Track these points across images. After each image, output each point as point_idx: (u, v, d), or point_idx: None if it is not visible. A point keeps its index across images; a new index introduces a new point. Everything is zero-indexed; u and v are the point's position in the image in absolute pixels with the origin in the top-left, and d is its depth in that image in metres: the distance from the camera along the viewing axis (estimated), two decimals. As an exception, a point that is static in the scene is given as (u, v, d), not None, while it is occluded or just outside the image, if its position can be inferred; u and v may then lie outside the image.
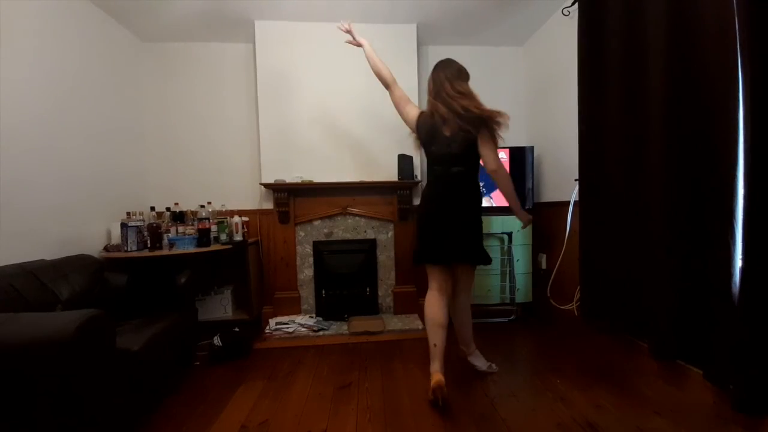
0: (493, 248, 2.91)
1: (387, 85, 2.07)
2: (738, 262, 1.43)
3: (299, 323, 2.75)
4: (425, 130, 1.89)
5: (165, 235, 2.45)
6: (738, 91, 1.40)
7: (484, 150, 1.80)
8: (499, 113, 1.77)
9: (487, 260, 1.93)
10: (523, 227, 2.10)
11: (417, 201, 3.08)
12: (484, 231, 2.87)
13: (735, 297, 1.44)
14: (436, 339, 1.78)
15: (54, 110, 2.12)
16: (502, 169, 1.84)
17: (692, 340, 1.68)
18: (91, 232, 2.36)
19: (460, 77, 1.85)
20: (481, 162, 1.87)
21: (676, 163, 1.68)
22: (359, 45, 2.16)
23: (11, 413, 1.20)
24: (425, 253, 1.90)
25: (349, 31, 2.17)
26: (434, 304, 1.85)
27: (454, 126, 1.79)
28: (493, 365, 2.04)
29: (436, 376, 1.71)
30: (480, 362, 2.04)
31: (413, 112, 1.96)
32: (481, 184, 2.91)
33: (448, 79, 1.83)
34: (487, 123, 1.76)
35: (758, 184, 1.38)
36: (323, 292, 3.00)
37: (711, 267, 1.55)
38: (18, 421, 1.21)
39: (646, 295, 1.89)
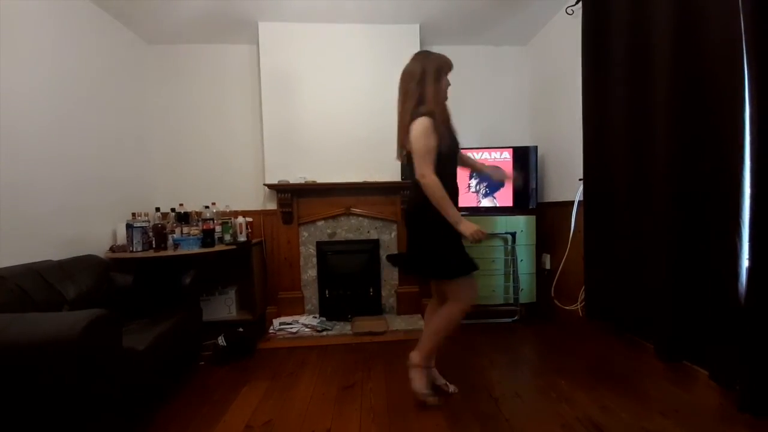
0: (497, 248, 2.90)
1: None
2: (744, 262, 1.42)
3: (303, 323, 2.76)
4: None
5: (170, 236, 2.47)
6: (744, 90, 1.39)
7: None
8: (411, 118, 1.61)
9: (448, 273, 1.66)
10: (470, 239, 1.59)
11: (420, 201, 3.09)
12: (490, 231, 2.90)
13: (741, 297, 1.43)
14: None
15: (60, 112, 2.13)
16: (424, 180, 1.57)
17: (698, 340, 1.67)
18: (97, 232, 2.38)
19: (419, 79, 1.68)
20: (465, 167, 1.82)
21: (681, 162, 1.67)
22: None
23: (18, 411, 1.22)
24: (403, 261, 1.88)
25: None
26: (430, 307, 1.91)
27: (404, 124, 1.67)
28: (431, 394, 1.72)
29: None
30: (417, 380, 1.71)
31: None
32: (484, 184, 2.97)
33: (406, 80, 1.73)
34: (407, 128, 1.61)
35: (765, 183, 1.37)
36: (327, 292, 3.01)
37: (717, 267, 1.55)
38: (24, 419, 1.22)
39: (651, 295, 1.88)
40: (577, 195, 2.53)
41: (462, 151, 1.82)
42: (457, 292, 1.69)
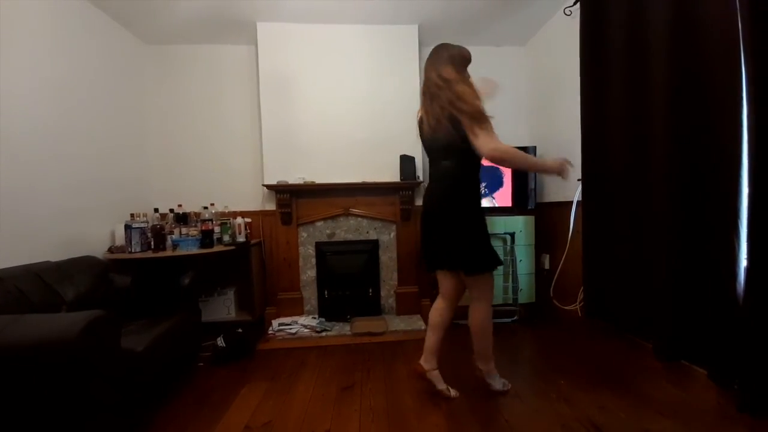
0: (496, 249, 2.89)
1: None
2: (743, 262, 1.42)
3: (302, 324, 2.75)
4: (419, 126, 1.80)
5: (168, 237, 2.46)
6: (741, 90, 1.40)
7: (470, 139, 1.56)
8: (461, 95, 1.57)
9: (481, 267, 1.68)
10: (563, 175, 1.61)
11: (419, 201, 3.09)
12: (489, 231, 2.87)
13: (739, 297, 1.44)
14: (427, 337, 1.84)
15: (58, 112, 2.13)
16: (497, 152, 1.53)
17: (696, 340, 1.67)
18: (95, 233, 2.37)
19: (448, 63, 1.66)
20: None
21: (679, 162, 1.68)
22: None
23: (17, 412, 1.21)
24: (425, 259, 1.83)
25: None
26: (434, 306, 1.87)
27: (437, 117, 1.64)
28: (507, 383, 1.84)
29: (413, 363, 1.84)
30: (495, 382, 1.82)
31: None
32: (483, 184, 2.97)
33: (434, 66, 1.69)
34: (460, 109, 1.56)
35: (763, 183, 1.38)
36: (326, 292, 3.00)
37: (715, 267, 1.55)
38: (23, 420, 1.22)
39: (649, 296, 1.88)
40: (576, 195, 2.53)
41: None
42: (485, 287, 1.76)
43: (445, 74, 1.65)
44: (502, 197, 2.97)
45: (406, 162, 2.88)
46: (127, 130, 2.76)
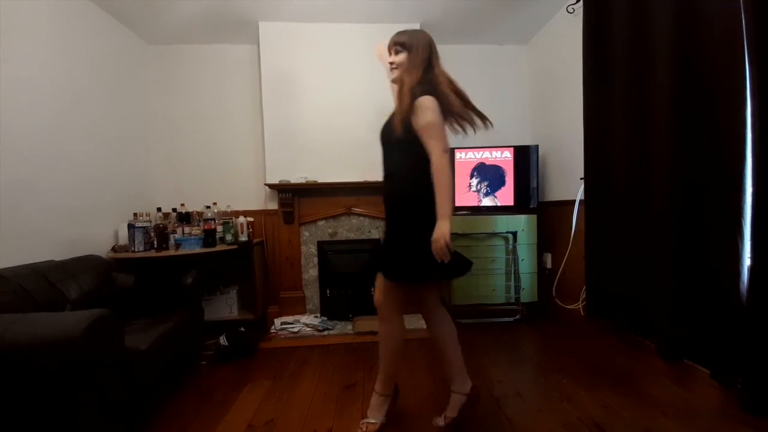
0: (498, 248, 2.90)
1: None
2: (746, 261, 1.42)
3: (304, 323, 2.76)
4: None
5: (171, 236, 2.47)
6: (745, 88, 1.39)
7: None
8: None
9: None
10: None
11: (421, 201, 3.09)
12: (489, 230, 2.90)
13: (743, 296, 1.43)
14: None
15: (61, 113, 2.14)
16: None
17: (699, 339, 1.67)
18: (98, 233, 2.39)
19: None
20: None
21: (682, 160, 1.67)
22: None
23: (20, 411, 1.22)
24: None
25: None
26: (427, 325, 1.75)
27: None
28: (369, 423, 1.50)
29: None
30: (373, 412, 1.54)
31: None
32: (485, 183, 2.97)
33: None
34: None
35: (766, 181, 1.37)
36: (328, 291, 3.01)
37: (719, 265, 1.54)
38: (26, 419, 1.23)
39: (652, 294, 1.88)
40: (579, 194, 2.52)
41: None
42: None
43: None
44: (504, 196, 2.96)
45: (408, 161, 2.87)
46: (129, 130, 2.77)
